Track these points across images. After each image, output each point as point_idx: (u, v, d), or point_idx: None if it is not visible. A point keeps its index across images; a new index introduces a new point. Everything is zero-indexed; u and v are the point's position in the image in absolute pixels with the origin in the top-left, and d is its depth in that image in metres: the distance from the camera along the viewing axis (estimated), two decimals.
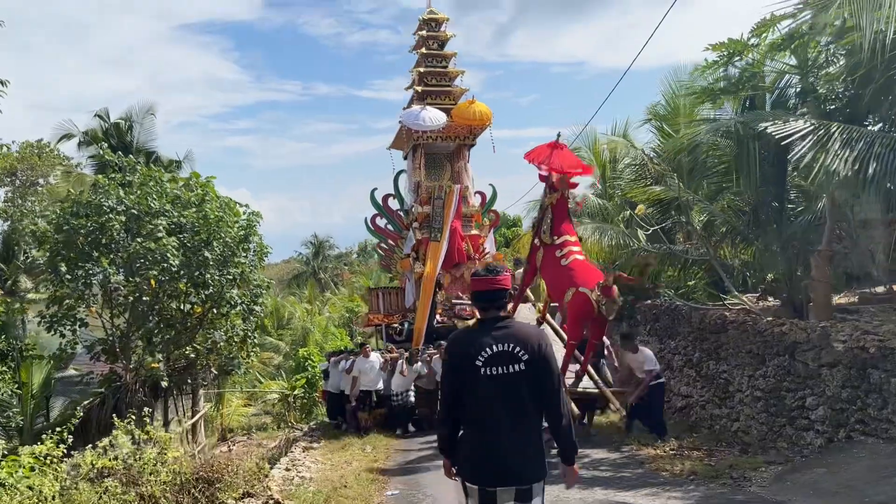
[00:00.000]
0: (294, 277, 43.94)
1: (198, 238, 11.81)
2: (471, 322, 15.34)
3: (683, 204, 11.96)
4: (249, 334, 13.32)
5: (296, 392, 20.51)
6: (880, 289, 11.21)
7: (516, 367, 3.06)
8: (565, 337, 9.51)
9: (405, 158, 15.50)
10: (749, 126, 9.81)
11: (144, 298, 11.32)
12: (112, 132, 20.77)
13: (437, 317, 14.40)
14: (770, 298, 11.67)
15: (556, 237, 9.55)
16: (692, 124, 12.00)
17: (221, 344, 12.88)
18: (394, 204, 16.05)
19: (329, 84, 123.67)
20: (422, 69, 14.59)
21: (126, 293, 11.25)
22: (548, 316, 10.80)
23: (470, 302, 14.48)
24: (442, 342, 11.74)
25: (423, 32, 14.85)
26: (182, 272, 11.42)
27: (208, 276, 11.77)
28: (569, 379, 9.07)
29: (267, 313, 20.37)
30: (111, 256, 11.07)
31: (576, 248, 9.43)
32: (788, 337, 8.41)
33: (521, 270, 16.47)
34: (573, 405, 8.65)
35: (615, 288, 8.47)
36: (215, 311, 12.43)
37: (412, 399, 12.12)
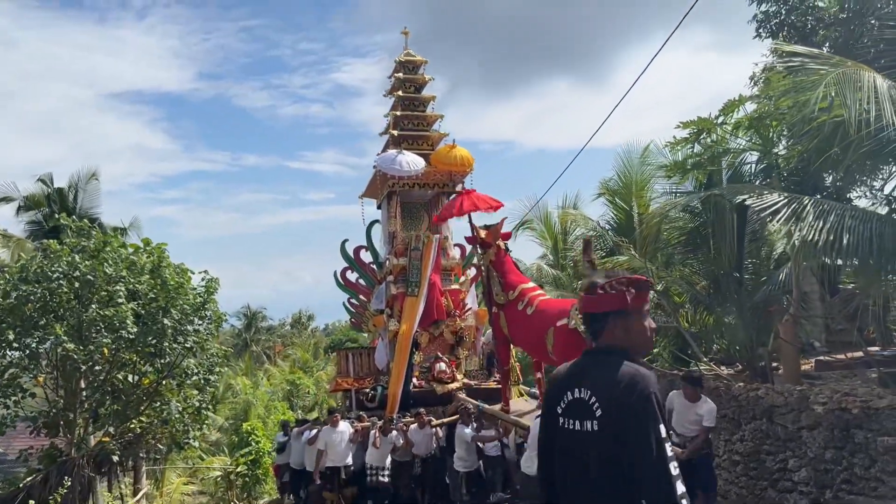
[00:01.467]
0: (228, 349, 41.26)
1: (155, 305, 12.21)
2: (452, 386, 13.76)
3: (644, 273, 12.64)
4: (204, 406, 13.42)
5: (239, 469, 18.35)
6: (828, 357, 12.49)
7: (588, 424, 2.28)
8: None
9: (379, 207, 15.01)
10: (725, 198, 10.88)
11: (97, 368, 11.63)
12: (55, 197, 21.02)
13: (414, 380, 13.96)
14: (723, 367, 12.68)
15: (510, 292, 9.15)
16: (663, 197, 13.91)
17: (176, 416, 12.84)
18: (366, 257, 16.04)
19: (259, 155, 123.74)
20: (398, 112, 13.86)
21: (78, 362, 11.40)
22: None
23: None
24: (421, 410, 11.63)
25: (400, 75, 14.39)
26: (139, 340, 11.71)
27: (165, 344, 12.04)
28: None
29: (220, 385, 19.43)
30: (63, 323, 11.44)
31: (536, 293, 8.97)
32: (765, 401, 9.18)
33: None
34: None
35: None
36: (170, 381, 12.70)
37: (387, 476, 11.46)
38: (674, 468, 2.10)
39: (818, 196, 10.12)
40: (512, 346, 9.96)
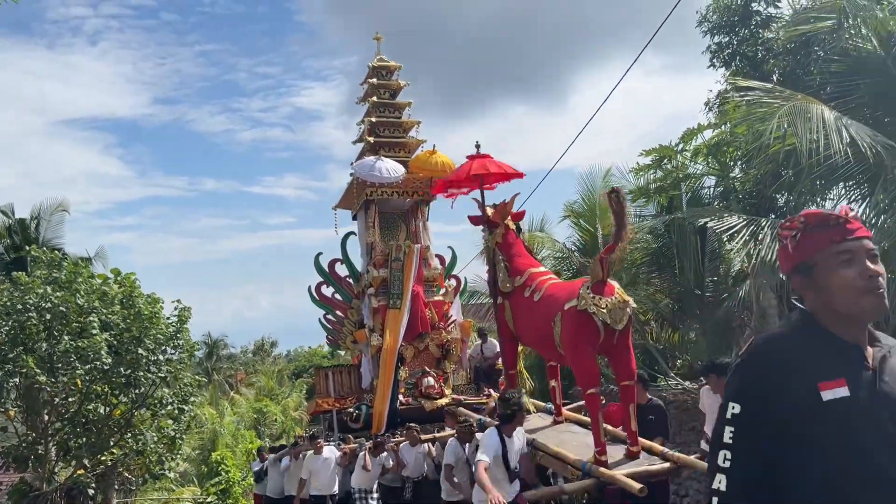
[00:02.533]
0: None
1: (128, 335, 12.32)
2: (441, 401, 12.93)
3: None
4: (179, 435, 13.47)
5: (209, 499, 17.39)
6: None
7: None
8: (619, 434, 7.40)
9: (354, 218, 14.96)
10: (688, 221, 11.89)
11: (70, 399, 11.79)
12: (16, 228, 20.67)
13: (401, 397, 13.62)
14: (687, 382, 13.01)
15: (517, 277, 7.90)
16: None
17: (151, 446, 12.91)
18: (342, 270, 15.66)
19: (218, 179, 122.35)
20: (373, 119, 13.16)
21: (49, 394, 11.59)
22: (566, 411, 8.66)
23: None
24: (412, 424, 10.88)
25: (374, 80, 14.20)
26: (113, 371, 11.78)
27: (140, 374, 12.13)
28: (621, 464, 6.70)
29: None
30: (34, 356, 11.42)
31: (547, 276, 7.85)
32: None
33: (488, 343, 14.45)
34: None
35: (613, 284, 6.76)
36: (143, 411, 12.80)
37: (376, 501, 10.84)
38: None
39: (773, 217, 11.56)
40: (520, 344, 8.55)
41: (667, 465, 6.63)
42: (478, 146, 8.68)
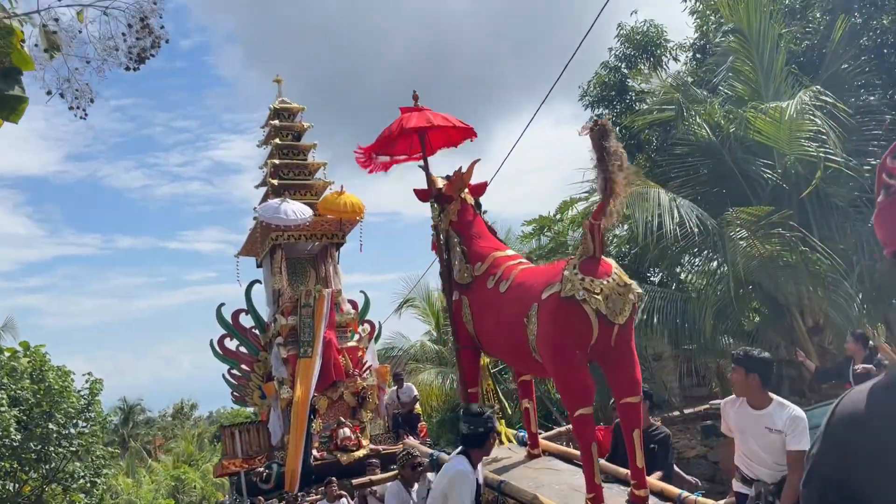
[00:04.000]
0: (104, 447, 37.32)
1: (38, 410, 12.19)
2: (358, 453, 12.08)
3: None
4: None
5: None
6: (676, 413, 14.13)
7: None
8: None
9: (259, 266, 13.86)
10: None
11: None
12: None
13: (315, 451, 12.90)
14: None
15: (477, 264, 6.09)
16: None
17: None
18: (247, 321, 14.89)
19: (134, 236, 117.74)
20: (277, 161, 12.49)
21: None
22: (544, 440, 6.92)
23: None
24: (332, 478, 10.15)
25: (276, 122, 13.57)
26: (22, 447, 11.60)
27: (50, 449, 12.04)
28: None
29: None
30: None
31: (516, 261, 6.03)
32: None
33: (404, 388, 13.75)
34: None
35: (609, 262, 5.01)
36: (55, 486, 12.62)
37: None
38: None
39: (646, 285, 13.30)
40: (483, 354, 6.59)
41: None
42: (416, 97, 6.68)
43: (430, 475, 6.61)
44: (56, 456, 12.14)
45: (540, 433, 6.92)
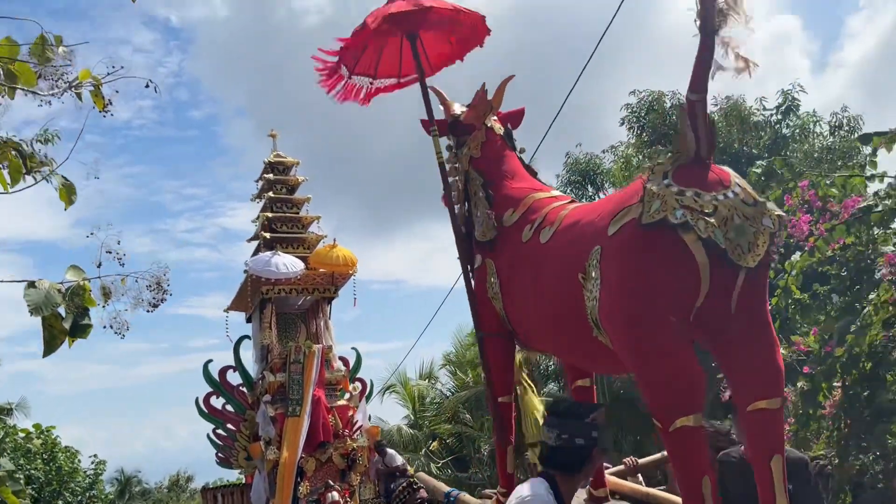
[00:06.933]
0: None
1: (49, 489, 13.40)
2: None
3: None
4: None
5: None
6: None
7: None
8: None
9: (248, 321, 12.96)
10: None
11: None
12: None
13: None
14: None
15: (509, 211, 4.44)
16: None
17: None
18: (235, 378, 14.01)
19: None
20: (270, 214, 12.23)
21: None
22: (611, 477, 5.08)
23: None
24: None
25: (270, 176, 13.40)
26: None
27: None
28: None
29: None
30: None
31: (564, 201, 4.40)
32: None
33: (388, 457, 13.04)
34: None
35: (725, 169, 3.31)
36: None
37: None
38: None
39: None
40: (518, 344, 4.75)
41: None
42: None
43: None
44: None
45: (606, 467, 5.15)
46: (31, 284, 3.10)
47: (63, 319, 3.16)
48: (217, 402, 13.96)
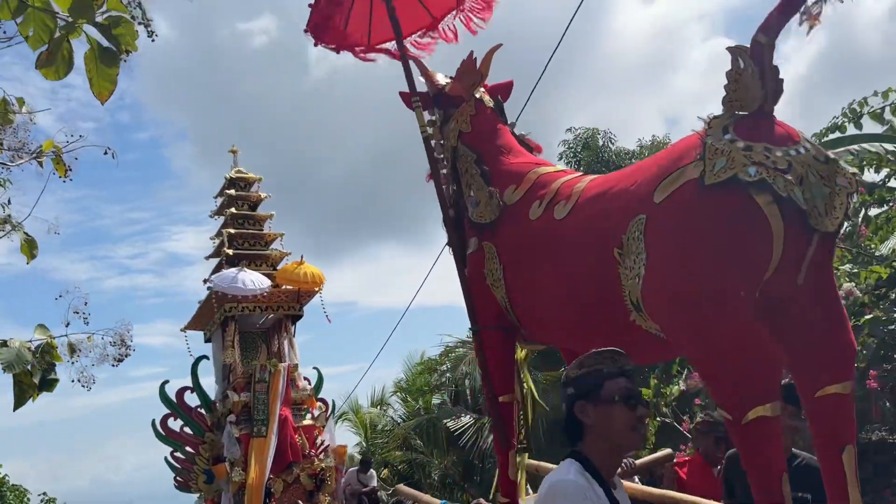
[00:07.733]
0: None
1: None
2: None
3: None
4: None
5: None
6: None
7: None
8: None
9: (208, 340, 12.73)
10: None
11: None
12: None
13: None
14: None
15: (510, 188, 3.99)
16: None
17: None
18: (193, 399, 13.51)
19: (77, 331, 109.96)
20: (232, 230, 12.02)
21: None
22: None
23: None
24: None
25: (232, 192, 13.27)
26: None
27: None
28: None
29: None
30: None
31: (575, 175, 3.93)
32: None
33: (368, 474, 13.00)
34: None
35: (792, 127, 2.92)
36: None
37: None
38: None
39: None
40: (521, 339, 4.29)
41: None
42: None
43: None
44: None
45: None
46: (3, 343, 3.26)
47: (32, 375, 3.35)
48: (175, 425, 13.38)
